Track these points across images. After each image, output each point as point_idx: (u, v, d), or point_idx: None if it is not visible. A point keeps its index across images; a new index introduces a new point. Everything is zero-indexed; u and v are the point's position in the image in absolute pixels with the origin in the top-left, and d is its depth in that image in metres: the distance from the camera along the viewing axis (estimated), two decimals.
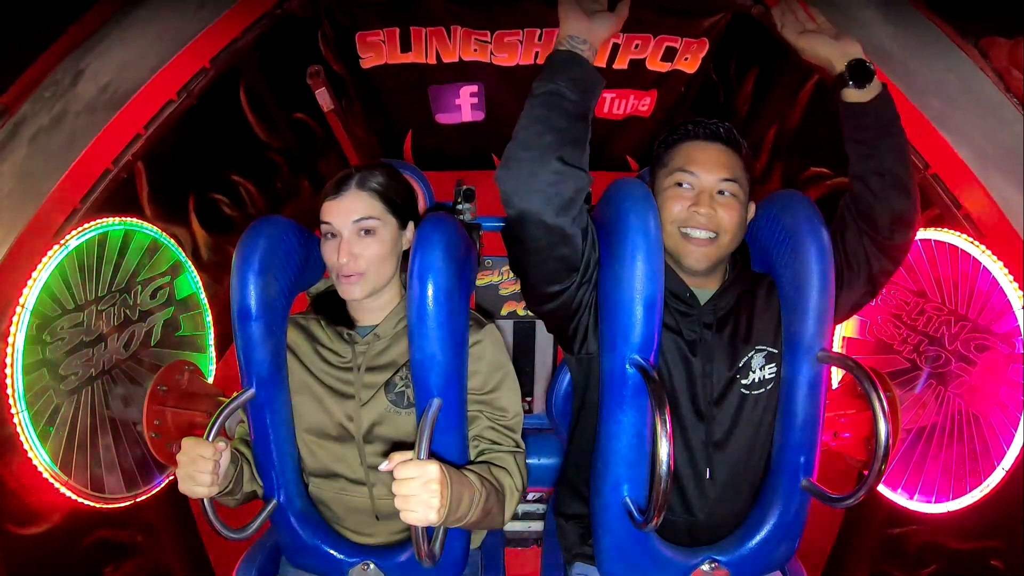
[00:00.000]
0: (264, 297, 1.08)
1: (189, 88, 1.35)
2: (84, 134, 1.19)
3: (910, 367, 1.47)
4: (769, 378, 1.12)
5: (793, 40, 1.09)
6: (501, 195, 0.95)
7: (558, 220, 0.94)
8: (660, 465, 0.89)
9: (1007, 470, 1.24)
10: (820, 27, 1.08)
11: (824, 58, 1.06)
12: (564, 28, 0.96)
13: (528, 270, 1.03)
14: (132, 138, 1.28)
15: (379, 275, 1.09)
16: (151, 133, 1.30)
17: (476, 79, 1.89)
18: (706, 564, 1.11)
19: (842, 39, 1.06)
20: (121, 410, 1.40)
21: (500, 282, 1.97)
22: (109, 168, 1.26)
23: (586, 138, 0.97)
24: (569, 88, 0.93)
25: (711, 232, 1.08)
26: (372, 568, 1.15)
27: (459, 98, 1.97)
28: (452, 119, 2.04)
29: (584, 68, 0.95)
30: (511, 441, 1.12)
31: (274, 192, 1.95)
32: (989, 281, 1.27)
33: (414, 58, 1.76)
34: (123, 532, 1.43)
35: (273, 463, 1.12)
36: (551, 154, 0.92)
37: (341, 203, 1.08)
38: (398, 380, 1.12)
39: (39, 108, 1.18)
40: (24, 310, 1.14)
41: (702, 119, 1.13)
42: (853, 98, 1.06)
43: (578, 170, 0.95)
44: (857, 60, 1.04)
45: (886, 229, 1.08)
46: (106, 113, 1.21)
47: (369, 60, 1.77)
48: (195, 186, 1.65)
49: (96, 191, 1.24)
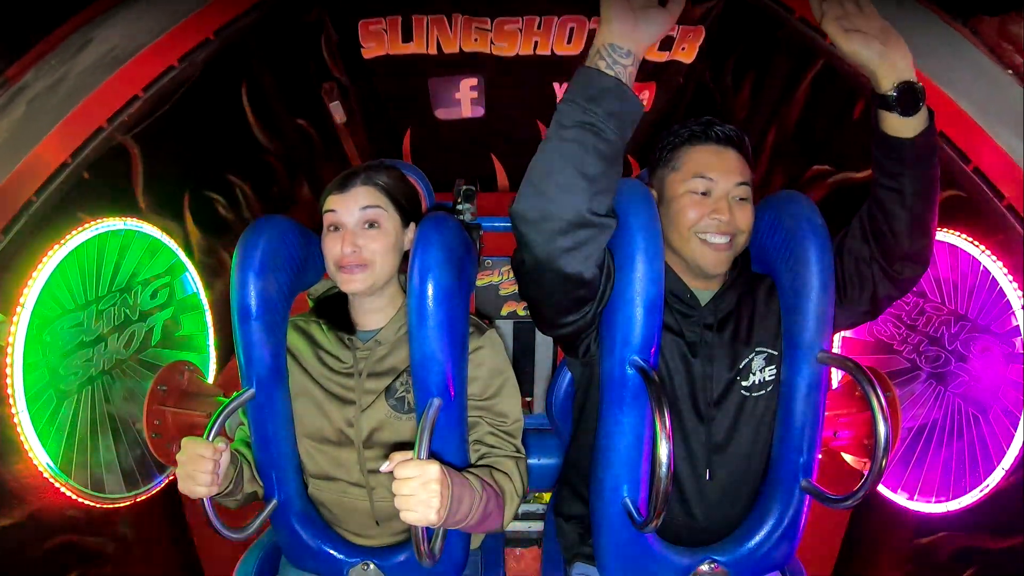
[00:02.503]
0: (264, 297, 1.08)
1: (192, 57, 1.32)
2: (81, 92, 1.16)
3: (910, 367, 1.47)
4: (769, 380, 1.12)
5: (836, 38, 0.92)
6: (515, 233, 0.88)
7: (579, 269, 0.89)
8: (660, 466, 0.90)
9: (1007, 470, 1.25)
10: (867, 20, 0.91)
11: (870, 69, 0.92)
12: (605, 33, 0.81)
13: (541, 307, 1.02)
14: (129, 99, 1.24)
15: (381, 269, 1.09)
16: (150, 96, 1.26)
17: (476, 72, 1.89)
18: (706, 564, 1.11)
19: (892, 46, 0.91)
20: (121, 410, 1.40)
21: (500, 282, 1.96)
22: (103, 126, 1.21)
23: (616, 182, 0.88)
24: (607, 124, 0.81)
25: (729, 236, 1.07)
26: (372, 568, 1.15)
27: (459, 91, 1.96)
28: (451, 114, 2.03)
29: (626, 99, 0.82)
30: (512, 446, 1.12)
31: (271, 197, 1.94)
32: (989, 281, 1.27)
33: (415, 48, 1.77)
34: (92, 539, 1.36)
35: (273, 463, 1.12)
36: (581, 206, 0.83)
37: (347, 196, 1.08)
38: (398, 385, 1.11)
39: (42, 75, 1.16)
40: (24, 310, 1.14)
41: (710, 118, 1.12)
42: (893, 129, 0.94)
43: (606, 220, 0.88)
44: (907, 84, 0.91)
45: (898, 264, 1.05)
46: (105, 73, 1.18)
47: (371, 50, 1.77)
48: (191, 182, 1.61)
49: (87, 148, 1.19)
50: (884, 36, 0.91)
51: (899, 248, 1.03)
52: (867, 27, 0.91)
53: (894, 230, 1.01)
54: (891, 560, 1.56)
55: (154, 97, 1.28)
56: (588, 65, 0.82)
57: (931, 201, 1.01)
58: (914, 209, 0.99)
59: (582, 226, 0.85)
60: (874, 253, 1.06)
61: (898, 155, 0.97)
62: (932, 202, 1.01)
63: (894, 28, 0.92)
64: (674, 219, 1.09)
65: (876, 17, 0.92)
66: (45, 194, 1.15)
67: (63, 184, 1.18)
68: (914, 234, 1.02)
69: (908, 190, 0.98)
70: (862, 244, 1.07)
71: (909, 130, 0.94)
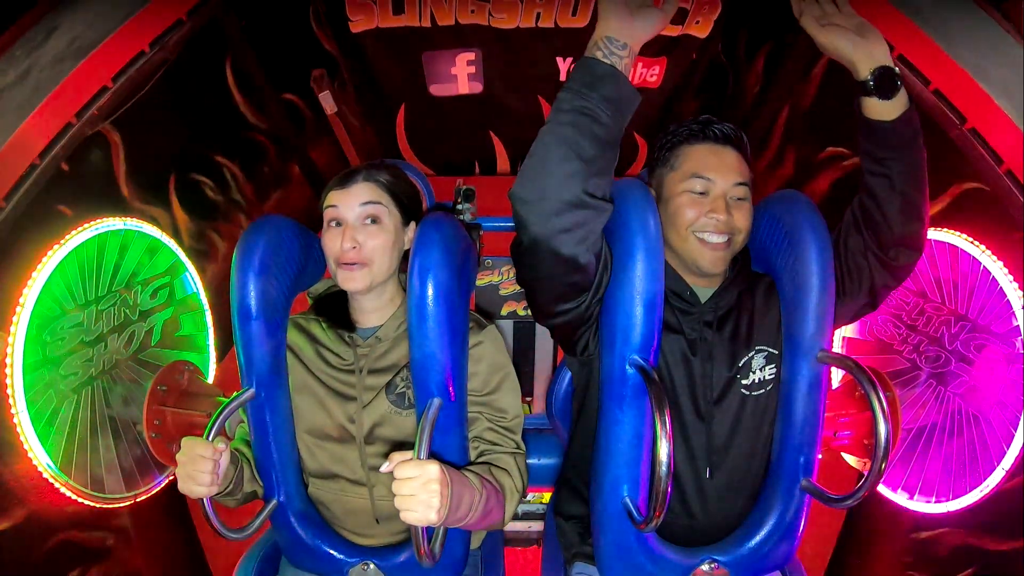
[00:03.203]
0: (264, 297, 1.08)
1: (163, 41, 1.25)
2: (47, 86, 1.11)
3: (910, 367, 1.47)
4: (769, 379, 1.12)
5: (813, 33, 0.98)
6: (514, 215, 0.91)
7: (574, 251, 0.91)
8: (660, 465, 0.90)
9: (1007, 470, 1.25)
10: (845, 18, 0.97)
11: (847, 59, 0.97)
12: (602, 27, 0.87)
13: (536, 291, 1.02)
14: (98, 90, 1.18)
15: (380, 267, 1.09)
16: (120, 87, 1.21)
17: (473, 45, 1.80)
18: (706, 564, 1.11)
19: (868, 37, 0.95)
20: (121, 410, 1.40)
21: (500, 282, 1.96)
22: (71, 122, 1.15)
23: (613, 166, 0.91)
24: (603, 108, 0.85)
25: (727, 235, 1.08)
26: (372, 568, 1.15)
27: (455, 66, 1.86)
28: (448, 90, 1.93)
29: (621, 85, 0.86)
30: (511, 442, 1.12)
31: (261, 177, 1.86)
32: (989, 281, 1.27)
33: (407, 21, 1.68)
34: (93, 536, 1.35)
35: (273, 463, 1.12)
36: (576, 187, 0.86)
37: (348, 192, 1.09)
38: (399, 381, 1.12)
39: (7, 67, 1.11)
40: (24, 310, 1.14)
41: (708, 117, 1.12)
42: (875, 113, 0.98)
43: (602, 203, 0.90)
44: (884, 68, 0.95)
45: (892, 250, 1.06)
46: (71, 64, 1.13)
47: (359, 23, 1.68)
48: (176, 165, 1.55)
49: (56, 146, 1.13)
50: (860, 30, 0.96)
51: (892, 234, 1.04)
52: (844, 23, 0.96)
53: (886, 215, 1.03)
54: (890, 560, 1.57)
55: (125, 85, 1.22)
56: (586, 55, 0.87)
57: (920, 183, 1.03)
58: (904, 192, 1.01)
59: (578, 207, 0.88)
60: (868, 243, 1.07)
61: (882, 139, 0.99)
62: (921, 184, 1.03)
63: (914, 19, 0.92)
64: (672, 218, 1.10)
65: (853, 15, 0.97)
66: (16, 196, 1.10)
67: (36, 182, 1.13)
68: (905, 218, 1.03)
69: (895, 173, 1.00)
70: (856, 235, 1.08)
71: (890, 113, 0.97)
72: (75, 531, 1.29)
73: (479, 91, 1.93)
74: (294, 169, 2.00)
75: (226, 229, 1.74)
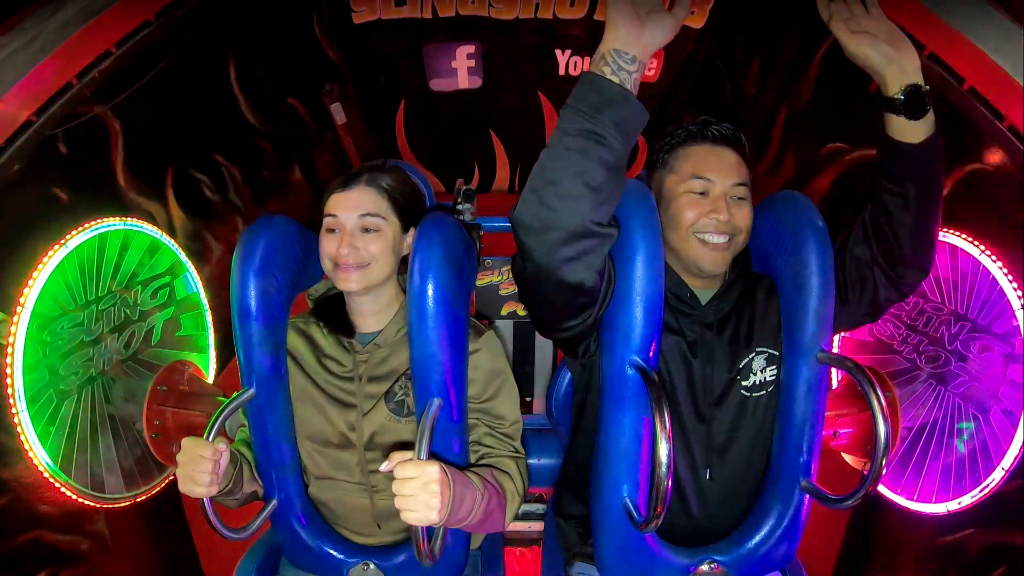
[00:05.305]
0: (264, 297, 1.08)
1: (169, 13, 1.26)
2: (52, 46, 1.11)
3: (910, 367, 1.47)
4: (770, 380, 1.12)
5: (844, 40, 0.93)
6: (516, 241, 0.87)
7: (580, 277, 0.88)
8: (660, 466, 0.90)
9: (1007, 470, 1.25)
10: (874, 22, 0.91)
11: (877, 72, 0.93)
12: (610, 39, 0.80)
13: (541, 313, 1.02)
14: (101, 53, 1.18)
15: (377, 269, 1.09)
16: (123, 52, 1.20)
17: (473, 38, 1.81)
18: (705, 564, 1.11)
19: (900, 49, 0.91)
20: (121, 410, 1.40)
21: (500, 282, 1.96)
22: (72, 82, 1.15)
23: (621, 190, 0.87)
24: (612, 132, 0.79)
25: (728, 235, 1.07)
26: (372, 568, 1.15)
27: (455, 60, 1.86)
28: (448, 85, 1.94)
29: (632, 108, 0.80)
30: (510, 447, 1.12)
31: (260, 181, 1.84)
32: (989, 281, 1.27)
33: (408, 12, 1.69)
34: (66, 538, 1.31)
35: (273, 463, 1.12)
36: (583, 217, 0.82)
37: (348, 196, 1.08)
38: (397, 389, 1.11)
39: (16, 35, 1.12)
40: (24, 310, 1.14)
41: (706, 119, 1.12)
42: (899, 134, 0.95)
43: (609, 230, 0.87)
44: (914, 87, 0.91)
45: (899, 268, 1.05)
46: (76, 28, 1.14)
47: (362, 15, 1.69)
48: (175, 160, 1.54)
49: (54, 105, 1.12)
50: (891, 38, 0.91)
51: (902, 253, 1.03)
52: (874, 29, 0.91)
53: (897, 235, 1.01)
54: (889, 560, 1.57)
55: (127, 56, 1.22)
56: (593, 71, 0.81)
57: (935, 207, 1.01)
58: (918, 214, 0.99)
59: (584, 236, 0.84)
60: (876, 257, 1.06)
61: (904, 160, 0.96)
62: (936, 208, 1.01)
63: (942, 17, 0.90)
64: (672, 219, 1.09)
65: (883, 19, 0.92)
66: (7, 153, 1.09)
67: (28, 148, 1.12)
68: (917, 240, 1.02)
69: (912, 195, 0.98)
70: (864, 248, 1.07)
71: (915, 135, 0.94)
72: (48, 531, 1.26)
73: (479, 86, 1.93)
74: (293, 176, 2.00)
75: (221, 231, 1.73)
